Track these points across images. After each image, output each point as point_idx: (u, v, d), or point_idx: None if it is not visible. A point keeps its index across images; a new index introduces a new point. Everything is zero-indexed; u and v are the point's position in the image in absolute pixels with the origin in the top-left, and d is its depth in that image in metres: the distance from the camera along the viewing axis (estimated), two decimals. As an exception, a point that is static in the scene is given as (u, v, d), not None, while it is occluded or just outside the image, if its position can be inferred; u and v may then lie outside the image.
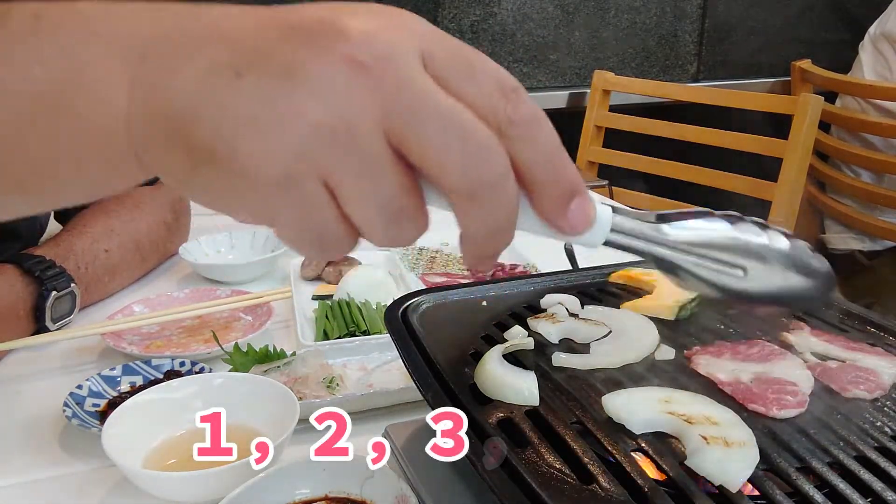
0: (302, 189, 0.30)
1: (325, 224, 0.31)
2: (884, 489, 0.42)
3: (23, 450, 0.68)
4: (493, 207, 0.32)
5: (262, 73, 0.30)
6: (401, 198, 0.31)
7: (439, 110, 0.30)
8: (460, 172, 0.31)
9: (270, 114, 0.29)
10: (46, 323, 0.85)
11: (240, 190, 0.31)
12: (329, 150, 0.30)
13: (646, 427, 0.48)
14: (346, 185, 0.30)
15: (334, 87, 0.29)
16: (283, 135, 0.29)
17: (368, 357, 0.82)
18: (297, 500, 0.56)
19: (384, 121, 0.30)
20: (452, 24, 2.06)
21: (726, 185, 1.80)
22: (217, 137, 0.30)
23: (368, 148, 0.30)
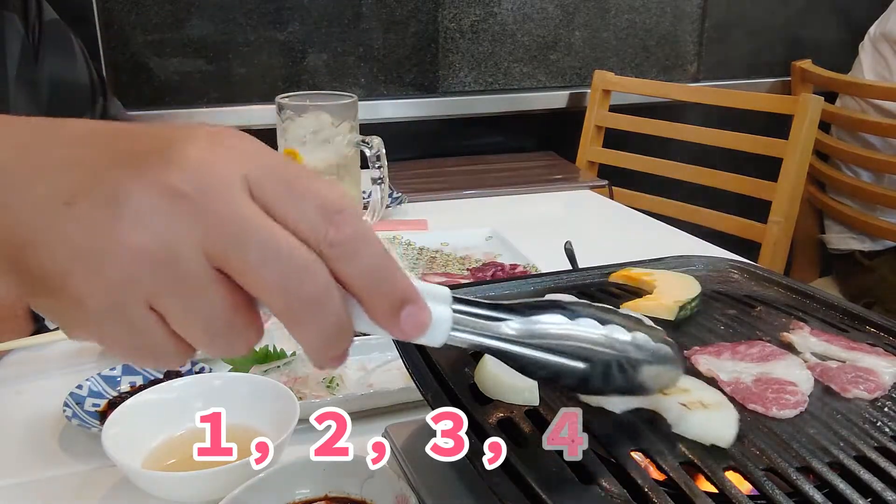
0: (129, 315, 0.31)
1: (154, 343, 0.33)
2: (884, 489, 0.42)
3: (23, 450, 0.68)
4: (320, 322, 0.33)
5: (90, 201, 0.31)
6: (226, 316, 0.32)
7: (258, 236, 0.31)
8: (281, 294, 0.32)
9: (95, 243, 0.31)
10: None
11: (72, 315, 0.32)
12: (152, 276, 0.31)
13: (625, 406, 0.50)
14: (171, 307, 0.32)
15: (155, 215, 0.31)
16: (107, 264, 0.31)
17: (368, 357, 0.82)
18: (297, 500, 0.56)
19: (206, 246, 0.31)
20: (452, 24, 2.06)
21: (726, 185, 1.80)
22: (48, 267, 0.31)
23: (190, 272, 0.31)
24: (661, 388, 0.46)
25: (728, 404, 0.49)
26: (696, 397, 0.49)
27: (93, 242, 0.31)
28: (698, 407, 0.48)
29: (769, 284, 0.72)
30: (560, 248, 0.93)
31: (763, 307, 0.67)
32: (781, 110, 1.72)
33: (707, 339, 0.60)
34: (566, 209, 1.60)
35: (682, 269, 0.75)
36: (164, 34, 1.87)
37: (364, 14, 2.00)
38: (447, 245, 1.23)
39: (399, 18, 2.03)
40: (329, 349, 0.35)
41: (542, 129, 2.24)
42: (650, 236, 1.34)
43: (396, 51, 2.05)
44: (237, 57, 1.93)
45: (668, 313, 0.63)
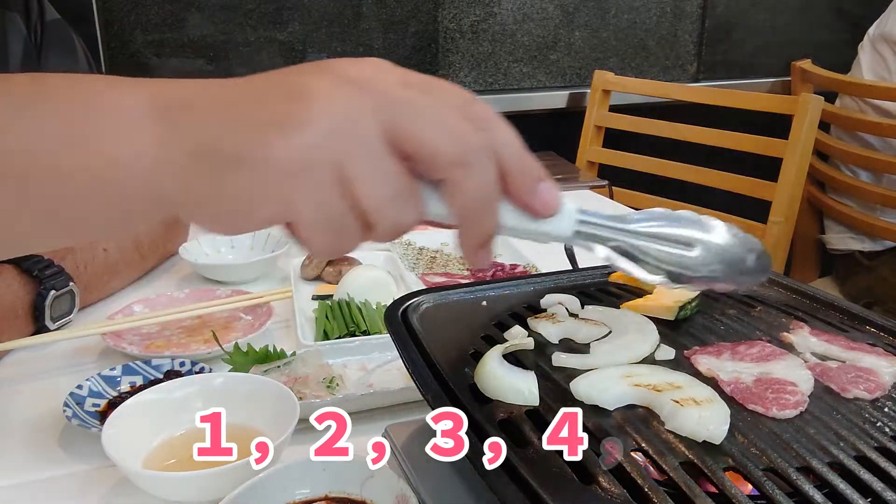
0: (319, 174, 0.35)
1: (337, 211, 0.36)
2: (884, 489, 0.42)
3: (23, 450, 0.69)
4: (482, 171, 0.37)
5: (278, 90, 0.37)
6: (400, 180, 0.37)
7: (423, 105, 0.37)
8: (450, 145, 0.37)
9: (288, 114, 0.35)
10: (46, 322, 0.85)
11: (265, 182, 0.35)
12: (337, 142, 0.35)
13: (617, 402, 0.50)
14: (353, 169, 0.36)
15: (338, 94, 0.36)
16: (300, 131, 0.35)
17: (368, 357, 0.82)
18: (297, 500, 0.56)
19: (378, 117, 0.36)
20: (452, 24, 2.06)
21: (726, 185, 1.80)
22: (243, 141, 0.35)
23: (370, 139, 0.36)
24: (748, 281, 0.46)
25: (720, 401, 0.49)
26: (688, 394, 0.49)
27: (286, 114, 0.35)
28: (690, 404, 0.48)
29: (769, 284, 0.72)
30: (560, 248, 0.93)
31: (763, 307, 0.67)
32: (781, 110, 1.72)
33: (707, 339, 0.60)
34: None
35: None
36: (164, 34, 1.87)
37: (364, 14, 2.00)
38: (447, 245, 1.23)
39: (399, 18, 2.03)
40: (483, 219, 0.39)
41: (542, 129, 2.24)
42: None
43: (396, 51, 2.05)
44: (237, 57, 1.93)
45: (668, 313, 0.64)
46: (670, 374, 0.53)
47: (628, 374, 0.52)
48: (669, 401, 0.49)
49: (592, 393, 0.50)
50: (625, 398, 0.51)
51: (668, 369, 0.54)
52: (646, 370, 0.54)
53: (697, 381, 0.52)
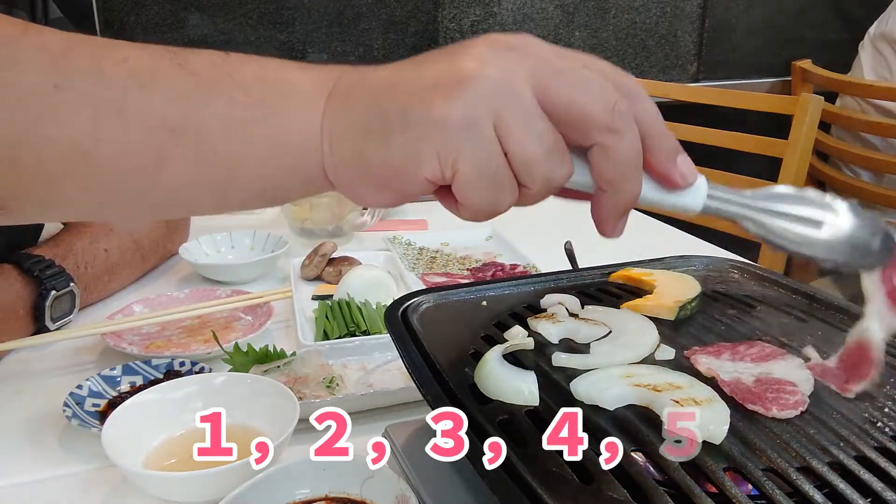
0: (480, 128, 0.38)
1: (496, 165, 0.38)
2: (884, 489, 0.42)
3: (23, 450, 0.69)
4: (631, 137, 0.39)
5: (436, 61, 0.39)
6: (553, 136, 0.39)
7: (575, 69, 0.39)
8: (602, 110, 0.39)
9: (450, 75, 0.38)
10: (46, 322, 0.85)
11: (432, 136, 0.38)
12: (496, 99, 0.38)
13: (617, 402, 0.50)
14: (511, 123, 0.38)
15: (492, 54, 0.38)
16: (461, 88, 0.38)
17: (368, 357, 0.82)
18: (297, 500, 0.56)
19: (533, 80, 0.38)
20: (452, 24, 2.06)
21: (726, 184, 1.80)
22: (410, 102, 0.38)
23: (524, 96, 0.38)
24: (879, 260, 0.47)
25: (720, 401, 0.49)
26: (688, 394, 0.49)
27: (447, 76, 0.38)
28: (690, 404, 0.48)
29: (769, 284, 0.72)
30: (560, 248, 0.93)
31: (763, 307, 0.67)
32: (781, 110, 1.72)
33: (707, 339, 0.60)
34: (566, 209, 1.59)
35: (682, 269, 0.75)
36: (164, 34, 1.87)
37: (364, 14, 2.00)
38: (447, 245, 1.23)
39: (399, 18, 2.03)
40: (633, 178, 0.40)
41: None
42: (650, 236, 1.34)
43: (396, 51, 2.05)
44: (237, 57, 1.93)
45: (668, 313, 0.64)
46: (670, 374, 0.53)
47: (628, 374, 0.52)
48: (669, 401, 0.48)
49: (592, 393, 0.51)
50: (625, 398, 0.51)
51: (668, 369, 0.54)
52: (646, 370, 0.54)
53: (697, 381, 0.52)
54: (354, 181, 0.41)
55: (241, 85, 0.41)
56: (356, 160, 0.40)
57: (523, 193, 0.40)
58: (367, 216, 1.27)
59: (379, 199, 0.42)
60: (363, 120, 0.40)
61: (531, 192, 0.40)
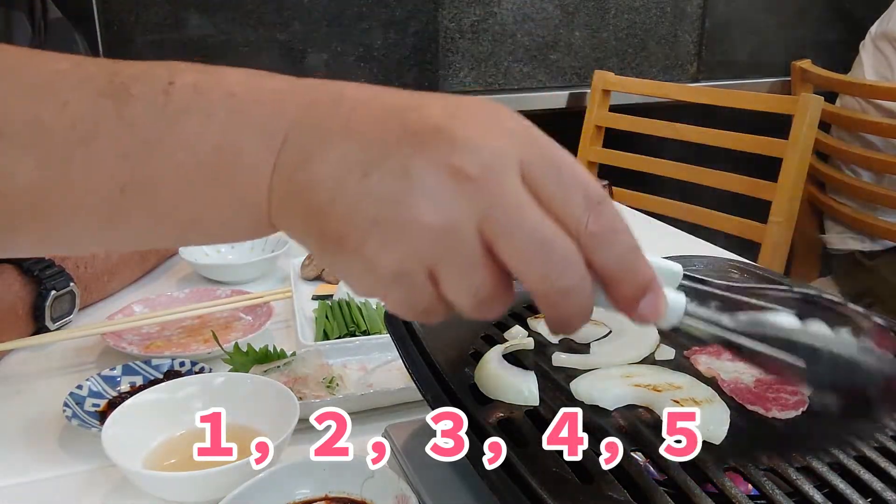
0: (412, 279, 0.36)
1: (427, 303, 0.37)
2: (884, 489, 0.42)
3: (23, 450, 0.68)
4: (569, 306, 0.36)
5: (384, 174, 0.34)
6: (491, 287, 0.36)
7: (528, 224, 0.34)
8: (540, 280, 0.35)
9: (389, 215, 0.34)
10: (46, 322, 0.85)
11: (359, 273, 0.36)
12: (436, 249, 0.35)
13: (617, 402, 0.51)
14: (447, 276, 0.35)
15: (442, 194, 0.34)
16: (400, 237, 0.34)
17: (368, 357, 0.82)
18: (297, 500, 0.56)
19: (483, 227, 0.34)
20: (452, 24, 2.06)
21: (726, 185, 1.80)
22: (345, 231, 0.35)
23: (467, 248, 0.35)
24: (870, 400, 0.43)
25: (720, 401, 0.49)
26: (688, 394, 0.49)
27: (387, 215, 0.34)
28: (690, 404, 0.48)
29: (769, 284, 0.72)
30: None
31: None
32: (781, 110, 1.72)
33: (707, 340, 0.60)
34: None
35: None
36: (164, 34, 1.87)
37: (364, 14, 2.00)
38: (447, 245, 1.23)
39: (399, 18, 2.03)
40: (570, 325, 0.38)
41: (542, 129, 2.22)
42: (650, 236, 1.34)
43: (396, 51, 2.05)
44: (237, 57, 1.93)
45: (668, 313, 0.63)
46: (670, 374, 0.53)
47: (628, 374, 0.53)
48: (669, 401, 0.48)
49: (592, 393, 0.51)
50: (625, 398, 0.51)
51: (668, 369, 0.54)
52: (646, 370, 0.54)
53: (697, 381, 0.52)
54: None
55: (185, 145, 0.37)
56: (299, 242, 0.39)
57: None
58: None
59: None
60: (303, 227, 0.37)
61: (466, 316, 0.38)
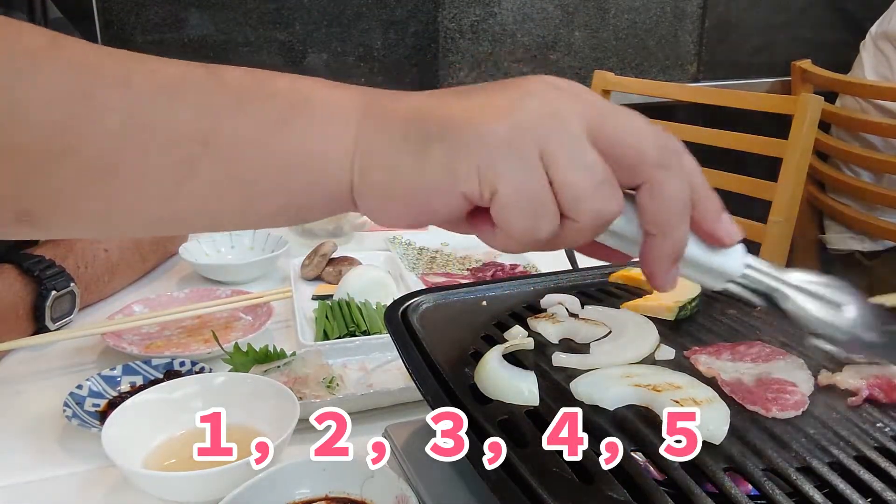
0: (525, 150, 0.37)
1: (538, 189, 0.37)
2: (884, 489, 0.42)
3: (23, 450, 0.69)
4: (682, 176, 0.39)
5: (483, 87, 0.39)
6: (602, 169, 0.38)
7: (622, 111, 0.39)
8: (652, 147, 0.38)
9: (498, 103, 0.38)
10: (46, 322, 0.85)
11: (469, 153, 0.37)
12: (544, 126, 0.37)
13: (618, 402, 0.50)
14: (558, 152, 0.37)
15: (544, 93, 0.38)
16: (510, 111, 0.37)
17: (368, 357, 0.82)
18: (297, 500, 0.56)
19: (583, 115, 0.38)
20: (452, 24, 2.06)
21: (726, 185, 1.80)
22: (451, 116, 0.38)
23: (573, 127, 0.38)
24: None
25: (719, 401, 0.49)
26: (688, 394, 0.49)
27: (496, 99, 0.38)
28: (690, 404, 0.48)
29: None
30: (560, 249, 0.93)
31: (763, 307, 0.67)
32: (781, 110, 1.72)
33: (707, 339, 0.60)
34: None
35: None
36: (164, 34, 1.87)
37: (364, 14, 2.00)
38: (447, 245, 1.23)
39: (399, 18, 2.03)
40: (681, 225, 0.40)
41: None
42: (650, 236, 1.34)
43: (396, 51, 2.05)
44: (237, 57, 1.93)
45: (668, 313, 0.64)
46: (670, 374, 0.53)
47: (628, 374, 0.52)
48: (669, 401, 0.48)
49: (592, 393, 0.50)
50: (625, 398, 0.50)
51: (668, 369, 0.54)
52: (646, 370, 0.54)
53: (697, 381, 0.52)
54: (383, 199, 0.40)
55: (273, 98, 0.40)
56: (389, 175, 0.39)
57: (569, 227, 0.39)
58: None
59: (405, 219, 0.40)
60: (401, 136, 0.39)
61: (578, 225, 0.39)
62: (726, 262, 0.43)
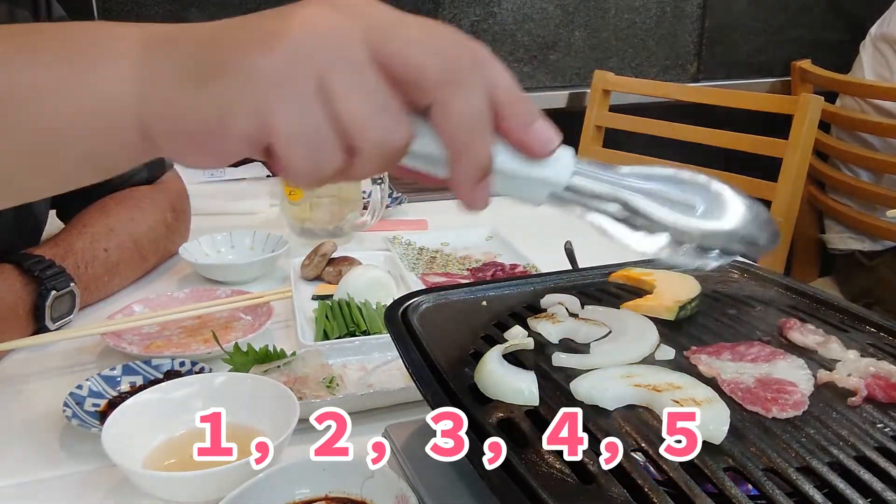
0: (299, 83, 0.35)
1: (316, 123, 0.35)
2: (884, 489, 0.42)
3: (23, 450, 0.69)
4: (472, 91, 0.36)
5: (262, 17, 0.37)
6: (385, 95, 0.36)
7: (412, 29, 0.36)
8: (437, 63, 0.36)
9: (273, 26, 0.35)
10: (46, 322, 0.85)
11: (244, 90, 0.35)
12: (320, 54, 0.35)
13: (617, 402, 0.50)
14: (336, 80, 0.35)
15: (322, 15, 0.36)
16: (282, 42, 0.35)
17: (368, 357, 0.82)
18: (297, 500, 0.56)
19: (366, 35, 0.35)
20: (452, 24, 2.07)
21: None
22: (228, 48, 0.36)
23: (353, 51, 0.35)
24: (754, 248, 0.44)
25: (719, 401, 0.49)
26: (688, 394, 0.49)
27: (271, 26, 0.36)
28: (690, 404, 0.48)
29: (769, 284, 0.72)
30: (560, 248, 0.93)
31: (763, 307, 0.67)
32: (781, 110, 1.72)
33: (707, 339, 0.60)
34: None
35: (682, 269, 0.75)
36: (164, 34, 1.87)
37: (364, 14, 2.00)
38: (447, 245, 1.23)
39: (399, 18, 2.02)
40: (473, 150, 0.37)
41: (542, 129, 2.24)
42: (650, 236, 1.34)
43: (396, 51, 2.05)
44: (237, 57, 1.93)
45: (668, 313, 0.64)
46: (670, 374, 0.53)
47: (628, 374, 0.52)
48: (669, 401, 0.48)
49: (592, 393, 0.51)
50: (625, 398, 0.51)
51: (668, 369, 0.54)
52: (646, 370, 0.54)
53: (697, 381, 0.52)
54: (171, 139, 0.38)
55: (52, 44, 0.38)
56: (170, 113, 0.37)
57: (357, 158, 0.37)
58: (368, 216, 1.27)
59: (198, 160, 0.39)
60: (181, 68, 0.37)
61: (364, 156, 0.37)
62: (546, 172, 0.40)
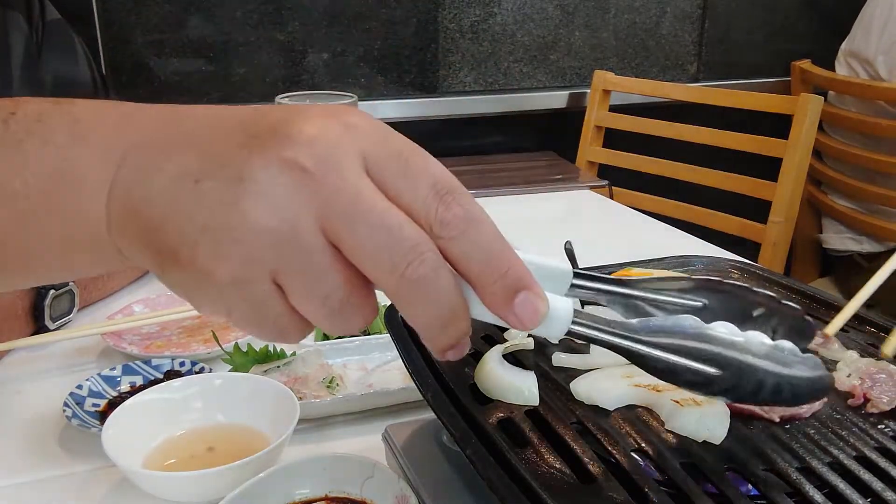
0: (253, 289, 0.33)
1: (277, 317, 0.34)
2: (884, 489, 0.42)
3: (23, 450, 0.68)
4: (430, 304, 0.33)
5: (216, 179, 0.32)
6: (343, 293, 0.33)
7: (371, 213, 0.32)
8: (389, 271, 0.32)
9: (222, 220, 0.32)
10: (45, 322, 0.85)
11: (201, 288, 0.34)
12: (275, 252, 0.32)
13: (617, 402, 0.50)
14: (292, 283, 0.33)
15: (276, 191, 0.32)
16: (233, 241, 0.32)
17: (368, 357, 0.82)
18: (296, 500, 0.56)
19: (323, 221, 0.32)
20: (452, 24, 2.07)
21: (726, 185, 1.80)
22: (179, 243, 0.33)
23: (309, 247, 0.32)
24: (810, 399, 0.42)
25: (720, 401, 0.49)
26: (688, 394, 0.49)
27: (220, 219, 0.32)
28: (691, 404, 0.48)
29: (769, 284, 0.72)
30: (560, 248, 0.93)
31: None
32: (781, 110, 1.72)
33: (707, 339, 0.60)
34: (566, 209, 1.60)
35: (682, 269, 0.75)
36: (164, 34, 1.87)
37: (364, 14, 2.00)
38: (447, 245, 1.23)
39: (399, 18, 2.03)
40: (443, 335, 0.34)
41: (542, 129, 2.24)
42: (650, 236, 1.34)
43: (396, 51, 2.05)
44: (237, 57, 1.93)
45: (668, 313, 0.63)
46: None
47: (628, 374, 0.52)
48: (669, 401, 0.48)
49: (592, 393, 0.50)
50: (625, 398, 0.50)
51: None
52: None
53: None
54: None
55: (19, 172, 0.36)
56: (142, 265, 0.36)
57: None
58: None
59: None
60: (141, 246, 0.35)
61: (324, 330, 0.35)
62: (538, 331, 0.36)
